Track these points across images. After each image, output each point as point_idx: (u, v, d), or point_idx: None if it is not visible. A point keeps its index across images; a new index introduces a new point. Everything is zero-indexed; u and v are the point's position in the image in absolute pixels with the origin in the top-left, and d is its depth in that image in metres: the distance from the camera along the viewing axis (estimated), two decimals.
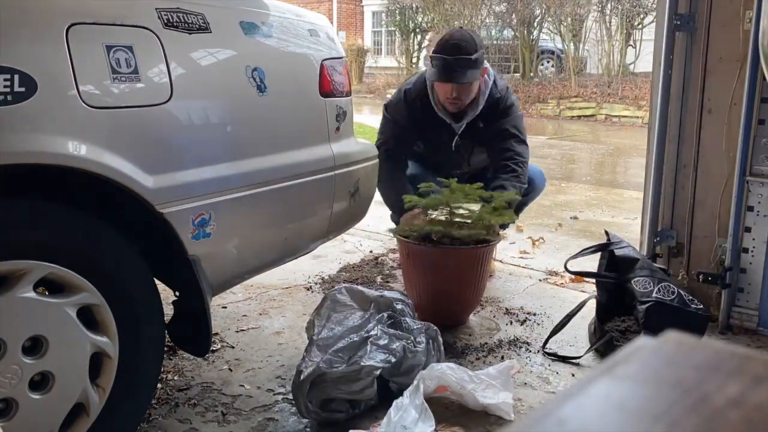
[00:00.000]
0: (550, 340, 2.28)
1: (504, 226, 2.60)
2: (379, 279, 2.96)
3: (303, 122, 1.93)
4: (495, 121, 2.71)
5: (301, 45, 1.94)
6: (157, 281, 1.60)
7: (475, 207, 2.38)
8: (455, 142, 2.77)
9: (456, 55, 2.52)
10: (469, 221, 2.34)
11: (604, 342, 2.17)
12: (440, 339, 2.00)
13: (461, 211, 2.38)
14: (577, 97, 11.33)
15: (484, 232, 2.34)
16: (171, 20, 1.51)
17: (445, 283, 2.38)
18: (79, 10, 1.36)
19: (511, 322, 2.49)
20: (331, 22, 2.94)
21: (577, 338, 2.35)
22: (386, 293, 2.06)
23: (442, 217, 2.39)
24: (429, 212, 2.43)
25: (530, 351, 2.25)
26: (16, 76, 1.21)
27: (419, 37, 15.94)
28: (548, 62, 13.74)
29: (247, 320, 2.49)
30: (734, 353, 0.37)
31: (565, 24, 12.19)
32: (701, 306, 2.16)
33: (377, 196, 2.42)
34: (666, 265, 2.60)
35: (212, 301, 1.86)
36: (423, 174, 2.87)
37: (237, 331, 2.38)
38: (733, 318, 2.43)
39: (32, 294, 1.30)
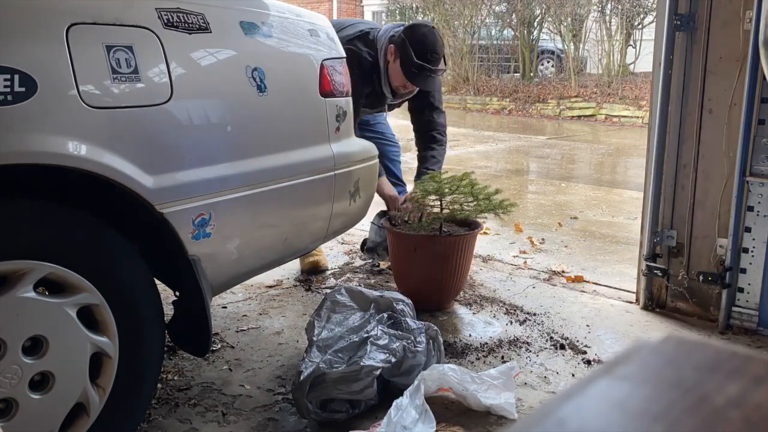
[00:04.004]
0: None
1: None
2: (378, 279, 2.96)
3: (303, 122, 1.93)
4: (421, 95, 2.97)
5: (301, 45, 1.94)
6: (157, 281, 1.60)
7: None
8: (386, 107, 3.06)
9: (437, 66, 2.75)
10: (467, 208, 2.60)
11: None
12: (440, 339, 2.00)
13: (450, 198, 2.62)
14: (577, 97, 11.32)
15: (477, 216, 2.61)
16: (171, 20, 1.51)
17: (429, 269, 2.54)
18: (79, 10, 1.36)
19: (511, 322, 2.49)
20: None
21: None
22: (386, 293, 2.06)
23: (437, 209, 2.64)
24: (421, 200, 2.65)
25: (530, 351, 2.25)
26: (16, 76, 1.21)
27: None
28: (548, 62, 13.72)
29: (247, 320, 2.49)
30: (734, 353, 0.37)
31: (565, 24, 12.18)
32: None
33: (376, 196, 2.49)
34: (666, 265, 2.60)
35: (212, 301, 1.86)
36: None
37: (237, 331, 2.38)
38: (733, 318, 2.43)
39: (32, 294, 1.30)
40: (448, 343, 2.25)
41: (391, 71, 2.79)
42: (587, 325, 2.48)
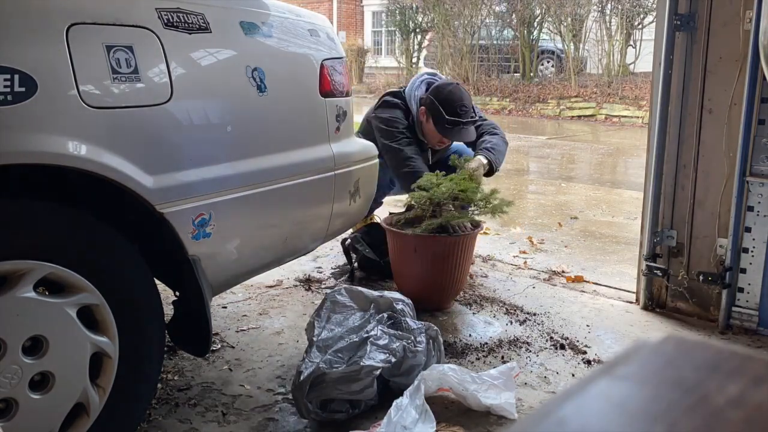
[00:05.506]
0: None
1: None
2: (378, 279, 2.96)
3: (303, 122, 1.93)
4: None
5: (301, 45, 1.94)
6: (157, 281, 1.60)
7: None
8: (428, 152, 3.11)
9: (467, 119, 2.89)
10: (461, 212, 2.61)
11: None
12: (440, 339, 2.00)
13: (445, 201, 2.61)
14: (577, 97, 11.33)
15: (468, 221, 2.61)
16: (171, 20, 1.51)
17: (429, 269, 2.55)
18: (79, 10, 1.36)
19: (511, 322, 2.49)
20: (331, 22, 2.95)
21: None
22: (386, 293, 2.06)
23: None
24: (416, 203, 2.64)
25: (530, 351, 2.25)
26: (16, 76, 1.21)
27: (419, 37, 15.93)
28: (548, 62, 13.73)
29: (247, 320, 2.48)
30: (734, 353, 0.37)
31: (565, 24, 12.18)
32: None
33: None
34: (666, 265, 2.60)
35: (212, 301, 1.86)
36: None
37: (237, 331, 2.38)
38: (733, 318, 2.43)
39: (32, 294, 1.30)
40: (448, 343, 2.25)
41: (426, 130, 2.95)
42: (587, 325, 2.48)
